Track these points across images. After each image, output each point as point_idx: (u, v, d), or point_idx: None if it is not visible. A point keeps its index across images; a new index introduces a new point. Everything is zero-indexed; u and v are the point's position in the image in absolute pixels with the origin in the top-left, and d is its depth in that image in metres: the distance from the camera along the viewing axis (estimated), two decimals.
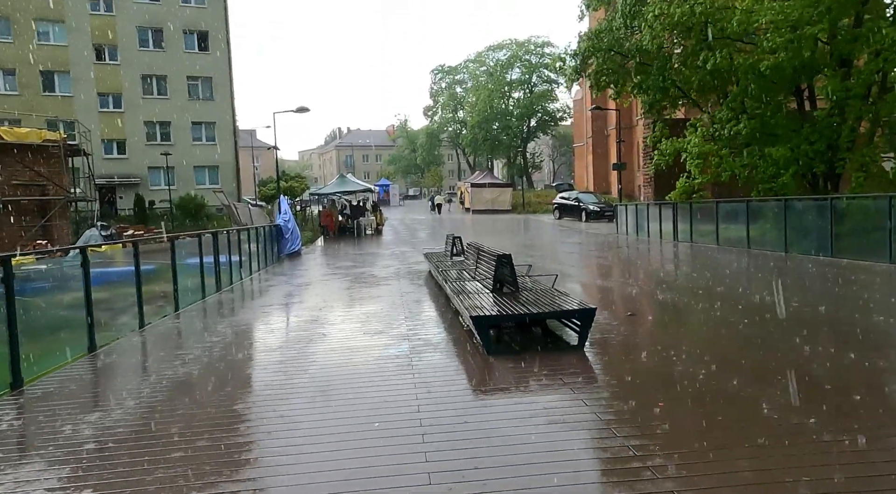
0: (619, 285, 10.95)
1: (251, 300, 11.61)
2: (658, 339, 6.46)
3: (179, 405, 4.88)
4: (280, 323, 8.91)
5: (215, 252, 12.30)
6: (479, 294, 7.31)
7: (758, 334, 6.50)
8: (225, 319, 9.34)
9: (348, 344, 6.84)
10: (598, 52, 23.59)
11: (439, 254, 13.65)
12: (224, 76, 40.01)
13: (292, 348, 6.90)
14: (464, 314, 6.56)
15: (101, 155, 37.63)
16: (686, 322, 7.46)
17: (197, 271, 12.15)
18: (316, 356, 6.38)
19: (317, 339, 7.22)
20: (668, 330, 6.84)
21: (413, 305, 9.44)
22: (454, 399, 4.79)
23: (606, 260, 16.10)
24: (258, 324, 8.58)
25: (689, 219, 18.28)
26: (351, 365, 5.93)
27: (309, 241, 25.78)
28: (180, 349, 7.19)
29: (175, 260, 9.97)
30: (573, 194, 35.75)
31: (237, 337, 7.69)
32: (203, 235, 11.68)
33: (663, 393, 4.66)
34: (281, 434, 4.17)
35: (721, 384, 4.84)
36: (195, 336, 8.14)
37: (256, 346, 7.34)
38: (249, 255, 15.41)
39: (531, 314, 6.04)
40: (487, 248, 8.44)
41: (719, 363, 5.38)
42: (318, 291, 12.06)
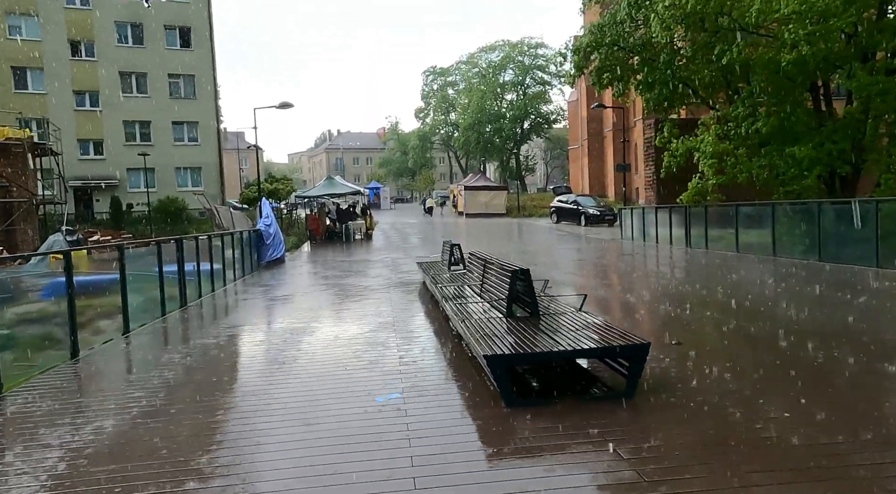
0: (647, 303, 9.40)
1: (217, 319, 10.06)
2: (729, 382, 4.97)
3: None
4: (245, 354, 7.38)
5: (179, 261, 10.77)
6: (490, 320, 5.82)
7: (871, 380, 5.06)
8: (178, 346, 7.79)
9: (324, 389, 5.33)
10: (601, 48, 22.26)
11: (435, 264, 12.16)
12: (207, 74, 38.38)
13: (253, 393, 5.38)
14: (473, 347, 5.07)
15: (77, 155, 35.93)
16: (757, 356, 5.85)
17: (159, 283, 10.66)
18: (280, 404, 4.87)
19: (285, 380, 5.70)
20: (736, 368, 5.35)
21: (406, 326, 7.95)
22: (462, 469, 3.42)
23: (620, 270, 14.59)
24: (217, 356, 7.06)
25: (704, 223, 16.91)
26: (324, 425, 4.43)
27: (294, 247, 24.23)
28: (110, 392, 5.64)
29: (125, 272, 8.41)
30: (571, 197, 34.40)
31: (186, 374, 6.15)
32: (163, 243, 10.13)
33: (758, 467, 3.20)
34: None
35: (846, 456, 3.39)
36: (139, 369, 6.60)
37: (208, 389, 5.81)
38: (224, 264, 13.86)
39: (564, 352, 4.56)
40: (497, 261, 6.95)
41: (830, 422, 3.94)
42: (298, 308, 10.53)
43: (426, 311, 9.16)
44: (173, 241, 10.87)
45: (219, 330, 8.65)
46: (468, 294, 7.76)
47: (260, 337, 8.23)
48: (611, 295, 10.78)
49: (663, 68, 20.19)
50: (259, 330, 8.74)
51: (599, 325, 5.25)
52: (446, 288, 8.10)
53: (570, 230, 29.28)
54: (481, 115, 70.86)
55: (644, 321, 7.86)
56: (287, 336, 7.80)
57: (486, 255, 8.05)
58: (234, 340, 7.96)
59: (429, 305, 9.59)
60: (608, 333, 4.91)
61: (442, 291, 7.89)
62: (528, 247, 22.14)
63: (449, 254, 11.23)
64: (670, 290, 10.74)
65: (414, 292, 11.59)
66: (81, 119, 35.81)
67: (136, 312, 9.26)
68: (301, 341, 7.41)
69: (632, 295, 10.30)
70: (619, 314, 8.60)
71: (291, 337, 7.64)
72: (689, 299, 9.47)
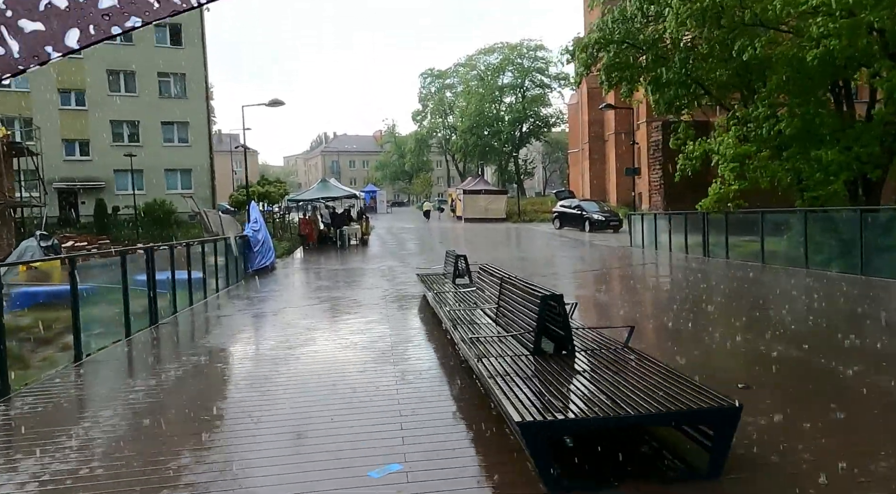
0: (688, 329, 7.96)
1: (188, 341, 8.83)
2: (841, 449, 3.80)
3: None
4: (213, 390, 6.16)
5: (150, 273, 9.55)
6: (514, 360, 4.63)
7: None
8: (137, 378, 6.56)
9: (307, 460, 4.12)
10: (610, 45, 21.16)
11: (437, 277, 10.97)
12: (198, 73, 37.15)
13: (214, 446, 4.17)
14: (498, 402, 3.86)
15: (63, 156, 34.62)
16: (861, 404, 4.66)
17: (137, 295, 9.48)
18: (248, 463, 3.67)
19: (254, 433, 4.49)
20: (842, 424, 4.18)
21: (406, 355, 6.75)
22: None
23: (643, 285, 13.22)
24: (178, 392, 5.85)
25: (724, 230, 15.75)
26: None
27: (286, 253, 23.00)
28: (50, 439, 4.41)
29: (76, 288, 7.18)
30: (574, 202, 33.25)
31: (134, 424, 4.92)
32: (128, 253, 8.90)
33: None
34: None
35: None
36: (85, 410, 5.38)
37: (163, 433, 4.58)
38: (205, 274, 12.62)
39: (627, 417, 3.36)
40: (520, 281, 5.74)
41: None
42: (282, 326, 9.31)
43: (428, 333, 7.97)
44: (143, 251, 9.65)
45: (187, 356, 7.41)
46: (479, 318, 6.56)
47: (233, 370, 6.99)
48: (640, 316, 9.40)
49: (678, 66, 19.08)
50: (233, 359, 7.49)
51: (662, 371, 4.05)
52: (454, 310, 6.89)
53: (575, 236, 28.13)
54: (479, 118, 69.76)
55: (690, 354, 6.65)
56: (265, 370, 6.58)
57: (502, 271, 6.86)
58: (201, 373, 6.72)
59: (430, 325, 8.41)
60: (678, 386, 3.71)
61: (449, 315, 6.68)
62: (532, 254, 20.97)
63: (454, 266, 10.03)
64: (711, 311, 9.43)
65: (413, 308, 10.41)
66: (67, 118, 34.51)
67: (96, 333, 8.06)
68: (281, 371, 6.20)
69: (667, 319, 8.92)
70: (657, 344, 7.37)
71: (270, 370, 6.43)
72: (736, 323, 8.22)
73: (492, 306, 6.46)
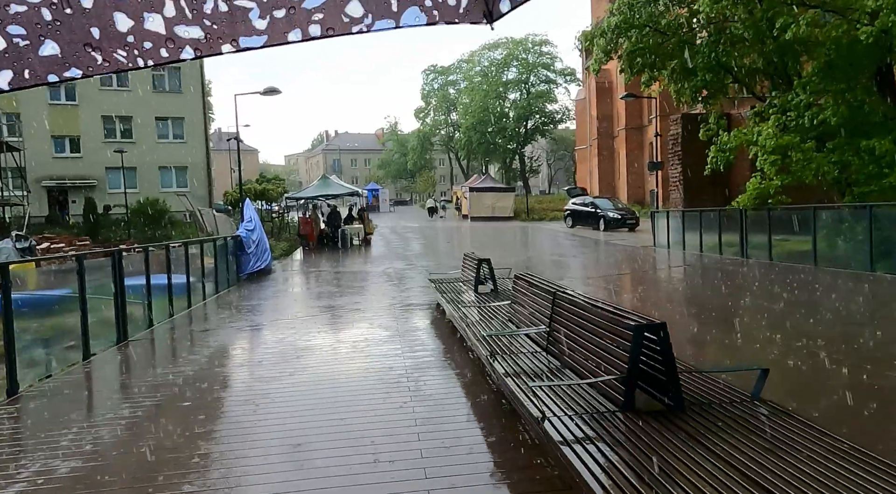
0: (808, 361, 5.90)
1: (156, 366, 7.31)
2: None
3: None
4: (174, 444, 4.66)
5: (116, 280, 8.07)
6: (596, 417, 3.13)
7: None
8: (81, 418, 5.06)
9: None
10: (632, 30, 19.64)
11: (454, 284, 9.47)
12: (194, 66, 35.61)
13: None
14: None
15: (52, 153, 33.25)
16: None
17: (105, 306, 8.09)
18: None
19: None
20: None
21: (427, 386, 5.27)
22: None
23: (693, 292, 11.15)
24: (129, 446, 4.37)
25: (766, 229, 14.23)
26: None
27: (284, 254, 21.52)
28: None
29: (9, 301, 5.69)
30: (587, 199, 31.69)
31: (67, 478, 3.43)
32: (87, 257, 7.40)
33: None
34: None
35: None
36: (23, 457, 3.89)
37: None
38: (188, 280, 11.15)
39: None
40: (586, 299, 4.23)
41: None
42: (273, 346, 7.82)
43: (448, 354, 6.50)
44: (108, 255, 8.15)
45: (148, 391, 5.90)
46: (522, 345, 5.06)
47: (205, 414, 5.48)
48: (723, 341, 7.18)
49: (707, 51, 17.56)
50: (204, 398, 5.97)
51: (832, 446, 2.55)
52: (492, 337, 5.35)
53: (589, 235, 26.60)
54: (483, 115, 68.25)
55: (844, 408, 4.90)
56: (246, 413, 5.09)
57: (550, 283, 5.36)
58: (164, 417, 5.22)
59: (449, 342, 6.94)
60: (872, 472, 2.21)
61: (485, 344, 5.16)
62: (550, 256, 19.46)
63: (476, 272, 8.52)
64: (816, 332, 7.32)
65: (425, 318, 8.94)
66: (56, 114, 33.07)
67: (43, 357, 6.61)
68: (264, 416, 4.71)
69: (768, 347, 6.67)
70: (783, 387, 5.62)
71: (250, 416, 4.94)
72: (863, 351, 6.47)
73: (538, 330, 4.95)
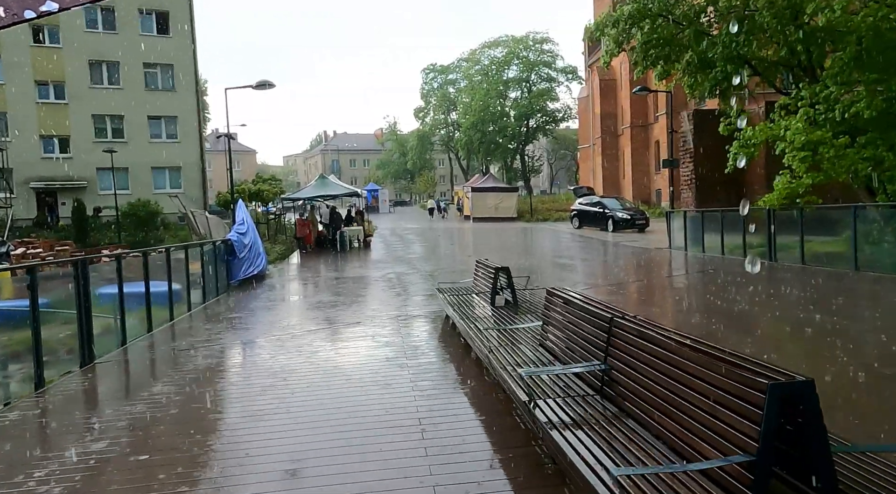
0: None
1: (129, 394, 6.26)
2: None
3: None
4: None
5: (80, 294, 7.03)
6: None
7: None
8: (21, 468, 3.99)
9: None
10: (645, 20, 18.64)
11: (464, 294, 8.43)
12: (187, 64, 34.60)
13: None
14: None
15: (40, 154, 32.17)
16: None
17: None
18: None
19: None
20: None
21: (444, 430, 4.23)
22: None
23: (738, 304, 9.57)
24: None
25: (799, 231, 13.18)
26: None
27: (280, 258, 20.45)
28: None
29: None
30: (594, 199, 30.63)
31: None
32: (38, 268, 6.35)
33: None
34: None
35: None
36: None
37: None
38: (170, 290, 10.09)
39: None
40: (666, 334, 3.16)
41: None
42: (259, 370, 6.77)
43: (464, 380, 5.47)
44: (72, 264, 7.09)
45: (108, 431, 4.83)
46: (572, 384, 4.01)
47: (185, 461, 4.41)
48: (835, 379, 5.45)
49: (728, 40, 16.53)
50: (185, 438, 4.91)
51: None
52: (531, 376, 4.26)
53: (598, 237, 25.56)
54: (484, 114, 67.25)
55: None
56: (224, 469, 4.03)
57: (599, 303, 4.31)
58: (126, 468, 4.16)
59: (466, 366, 5.89)
60: None
61: (521, 383, 4.08)
62: (561, 259, 18.41)
63: (492, 283, 7.47)
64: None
65: (433, 332, 7.91)
66: (45, 113, 31.98)
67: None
68: (257, 468, 3.66)
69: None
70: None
71: (238, 471, 3.88)
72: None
73: (588, 367, 3.90)
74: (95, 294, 7.99)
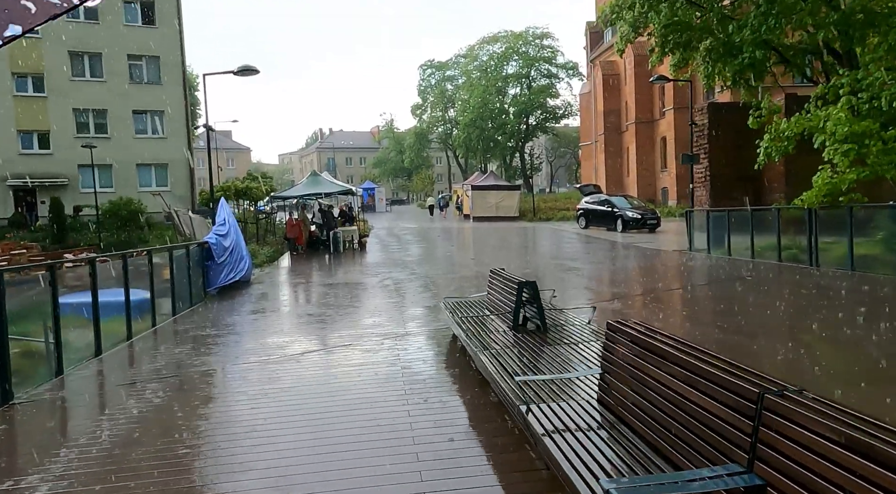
0: None
1: (52, 450, 4.76)
2: None
3: None
4: None
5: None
6: None
7: None
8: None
9: None
10: (664, 2, 17.22)
11: (477, 311, 6.95)
12: (174, 56, 33.02)
13: None
14: None
15: (18, 149, 30.56)
16: None
17: None
18: None
19: None
20: None
21: None
22: None
23: (827, 328, 7.79)
24: None
25: (848, 232, 11.72)
26: None
27: (268, 261, 18.93)
28: None
29: None
30: (601, 197, 29.13)
31: None
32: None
33: None
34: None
35: None
36: None
37: None
38: (128, 301, 8.60)
39: None
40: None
41: None
42: (226, 414, 5.27)
43: (484, 419, 4.00)
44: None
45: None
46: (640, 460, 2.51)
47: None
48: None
49: (757, 23, 15.08)
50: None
51: None
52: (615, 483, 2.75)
53: (608, 237, 24.10)
54: (483, 111, 65.75)
55: None
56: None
57: (713, 355, 2.82)
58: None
59: (477, 400, 4.41)
60: None
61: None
62: (574, 263, 16.94)
63: (517, 301, 5.96)
64: None
65: (440, 357, 6.45)
66: (23, 106, 30.38)
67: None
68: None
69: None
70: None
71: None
72: None
73: (726, 474, 2.40)
74: (22, 310, 6.52)
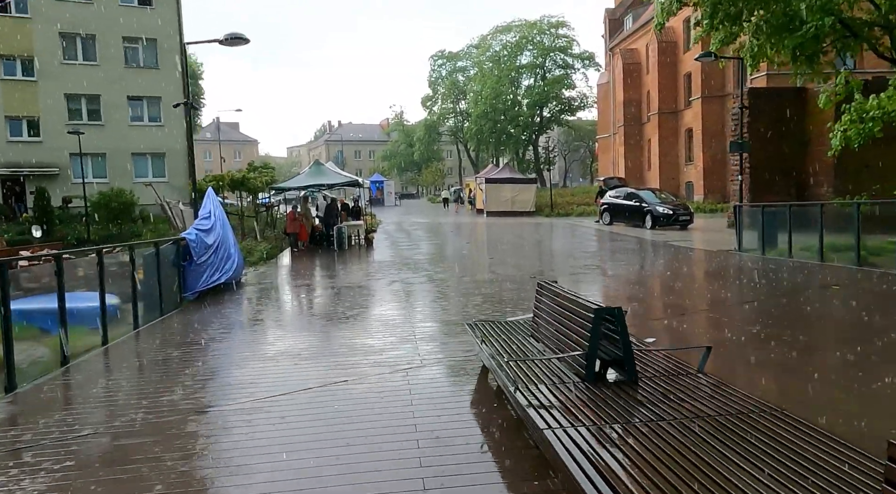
0: None
1: None
2: None
3: None
4: None
5: None
6: None
7: None
8: None
9: None
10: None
11: (517, 345, 4.94)
12: (172, 39, 31.11)
13: None
14: None
15: (6, 137, 28.85)
16: None
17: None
18: None
19: None
20: None
21: None
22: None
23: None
24: None
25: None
26: None
27: (265, 259, 17.01)
28: None
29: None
30: (627, 191, 26.96)
31: None
32: None
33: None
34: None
35: None
36: None
37: None
38: (64, 314, 6.68)
39: None
40: None
41: None
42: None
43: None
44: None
45: None
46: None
47: None
48: None
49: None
50: None
51: None
52: None
53: (638, 235, 22.02)
54: (495, 102, 63.59)
55: None
56: None
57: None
58: None
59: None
60: None
61: None
62: (618, 266, 14.89)
63: (592, 337, 3.94)
64: None
65: (466, 405, 4.46)
66: (11, 91, 28.59)
67: None
68: None
69: None
70: None
71: None
72: None
73: None
74: None
